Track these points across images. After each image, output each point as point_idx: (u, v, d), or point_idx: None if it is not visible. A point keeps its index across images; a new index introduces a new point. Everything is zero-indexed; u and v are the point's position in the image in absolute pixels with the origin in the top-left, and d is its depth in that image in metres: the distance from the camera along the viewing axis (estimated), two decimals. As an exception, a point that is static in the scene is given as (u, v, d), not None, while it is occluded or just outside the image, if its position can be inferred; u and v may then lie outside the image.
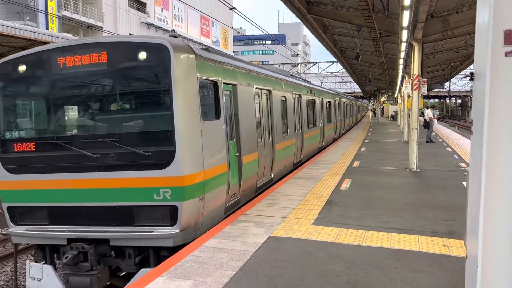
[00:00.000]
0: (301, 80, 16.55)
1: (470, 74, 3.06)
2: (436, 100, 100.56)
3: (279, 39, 49.49)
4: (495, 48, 2.63)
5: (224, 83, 7.30)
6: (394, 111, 51.28)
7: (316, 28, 19.01)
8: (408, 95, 18.81)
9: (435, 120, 22.36)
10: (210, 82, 6.79)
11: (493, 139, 2.69)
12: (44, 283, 6.21)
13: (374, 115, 69.09)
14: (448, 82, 44.73)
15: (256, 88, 9.28)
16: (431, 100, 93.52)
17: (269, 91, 10.35)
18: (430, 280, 4.62)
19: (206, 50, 7.26)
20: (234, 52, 75.49)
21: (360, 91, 67.75)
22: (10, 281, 8.74)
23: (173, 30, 8.24)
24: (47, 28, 32.42)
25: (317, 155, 15.77)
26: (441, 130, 31.19)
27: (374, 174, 11.57)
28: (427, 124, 20.73)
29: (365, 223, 6.79)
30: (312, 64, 58.78)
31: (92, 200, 6.06)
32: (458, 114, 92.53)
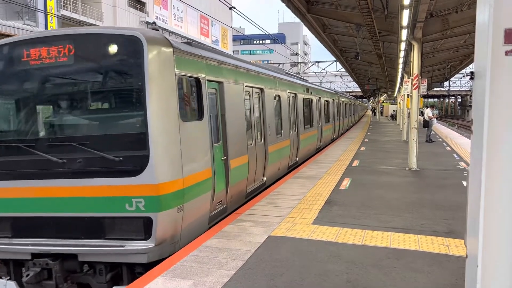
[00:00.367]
0: (297, 79, 15.94)
1: (470, 73, 3.06)
2: (436, 99, 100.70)
3: (278, 39, 49.40)
4: (495, 47, 2.62)
5: (208, 80, 6.71)
6: (394, 111, 51.36)
7: (315, 28, 19.00)
8: (408, 95, 18.88)
9: (435, 119, 22.39)
10: (192, 79, 6.23)
11: (493, 138, 2.68)
12: None
13: (373, 114, 69.19)
14: (448, 82, 44.80)
15: (246, 86, 8.68)
16: (431, 100, 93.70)
17: (261, 89, 9.77)
18: (430, 280, 4.62)
19: (188, 44, 6.73)
20: (233, 51, 75.41)
21: (360, 90, 67.83)
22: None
23: (154, 23, 7.45)
24: (46, 28, 32.39)
25: (314, 156, 15.72)
26: (440, 129, 31.22)
27: (374, 173, 11.56)
28: (427, 124, 20.75)
29: (364, 223, 6.79)
30: (311, 64, 58.89)
31: (58, 211, 5.47)
32: (457, 113, 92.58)
